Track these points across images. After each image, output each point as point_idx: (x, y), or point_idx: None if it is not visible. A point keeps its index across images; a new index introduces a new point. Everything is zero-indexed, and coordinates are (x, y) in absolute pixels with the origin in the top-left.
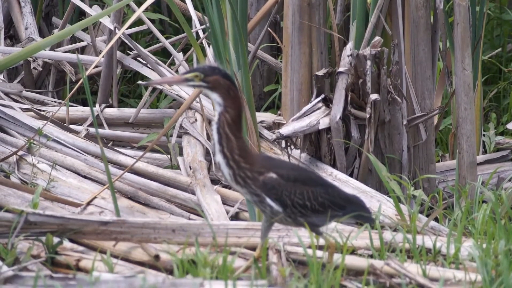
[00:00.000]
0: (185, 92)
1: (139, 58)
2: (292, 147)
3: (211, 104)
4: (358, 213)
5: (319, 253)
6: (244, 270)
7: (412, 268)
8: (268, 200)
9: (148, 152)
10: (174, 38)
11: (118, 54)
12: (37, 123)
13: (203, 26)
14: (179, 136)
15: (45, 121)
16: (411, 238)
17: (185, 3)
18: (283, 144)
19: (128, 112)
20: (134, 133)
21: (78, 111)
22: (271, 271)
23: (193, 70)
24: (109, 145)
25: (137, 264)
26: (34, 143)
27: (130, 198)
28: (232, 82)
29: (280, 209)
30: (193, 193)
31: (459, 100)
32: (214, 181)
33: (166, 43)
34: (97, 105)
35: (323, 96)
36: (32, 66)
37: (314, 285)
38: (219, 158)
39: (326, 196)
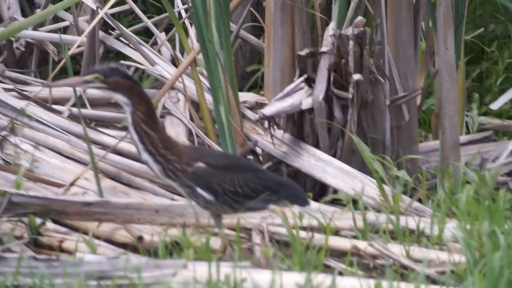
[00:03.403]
0: (167, 72)
1: (121, 38)
2: (275, 127)
3: (194, 84)
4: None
5: (302, 233)
6: (222, 251)
7: (396, 249)
8: (199, 190)
9: None
10: (157, 18)
11: (101, 34)
12: (19, 103)
13: (186, 6)
14: (162, 116)
15: (28, 101)
16: (394, 219)
17: None
18: (266, 124)
19: None
20: (117, 113)
21: (61, 91)
22: (255, 252)
23: (92, 71)
24: (92, 125)
25: (121, 245)
26: (16, 123)
27: (113, 179)
28: (133, 81)
29: (212, 198)
30: None
31: (441, 80)
32: None
33: (149, 23)
34: None
35: (305, 76)
36: (14, 46)
37: (298, 266)
38: (145, 156)
39: (258, 181)
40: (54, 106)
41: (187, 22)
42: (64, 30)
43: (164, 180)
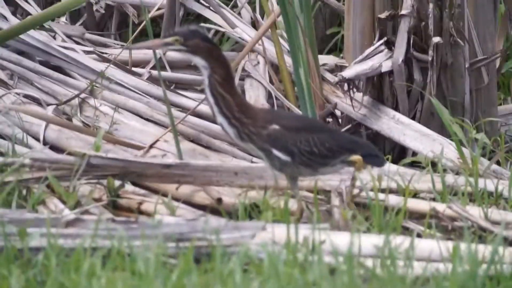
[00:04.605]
0: (247, 35)
1: (201, 0)
2: (355, 90)
3: (274, 46)
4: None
5: (381, 195)
6: (298, 213)
7: (474, 211)
8: (275, 152)
9: None
10: None
11: None
12: (99, 66)
13: None
14: (242, 79)
15: (108, 64)
16: (473, 182)
17: None
18: (346, 87)
19: None
20: (197, 75)
21: (141, 53)
22: (333, 214)
23: (173, 33)
24: (171, 87)
25: (199, 207)
26: (96, 86)
27: (192, 141)
28: (213, 44)
29: (288, 158)
30: None
31: None
32: None
33: None
34: None
35: (385, 39)
36: (94, 8)
37: (376, 228)
38: (220, 119)
39: (333, 142)
40: (134, 69)
41: None
42: None
43: (239, 144)
